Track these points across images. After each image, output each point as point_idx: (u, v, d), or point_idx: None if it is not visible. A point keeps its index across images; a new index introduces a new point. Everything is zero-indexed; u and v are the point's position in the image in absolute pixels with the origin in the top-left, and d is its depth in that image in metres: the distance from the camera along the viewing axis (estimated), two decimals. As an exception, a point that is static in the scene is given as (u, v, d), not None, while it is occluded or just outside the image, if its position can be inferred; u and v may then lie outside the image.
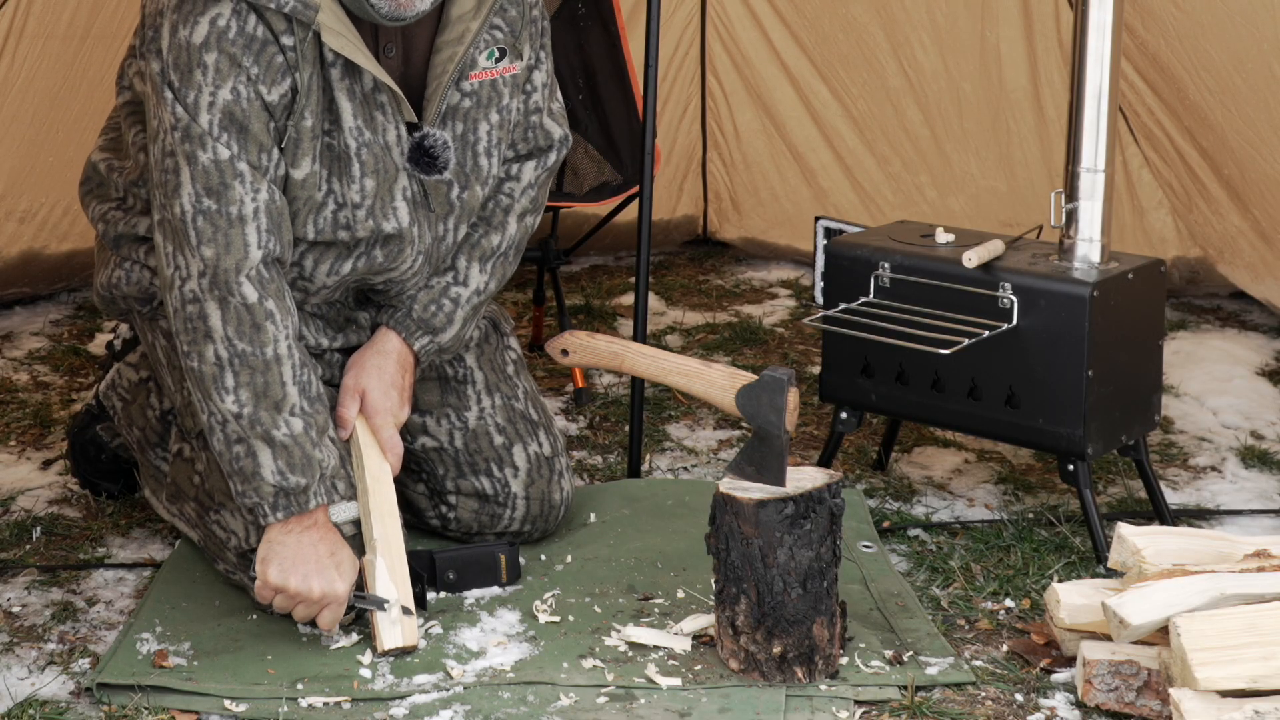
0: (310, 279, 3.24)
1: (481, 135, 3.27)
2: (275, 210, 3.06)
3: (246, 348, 3.03)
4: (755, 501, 2.93)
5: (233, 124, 3.01)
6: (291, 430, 3.04)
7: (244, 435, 3.03)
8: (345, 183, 3.14)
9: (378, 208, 3.17)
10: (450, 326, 3.35)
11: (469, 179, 3.28)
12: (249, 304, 3.02)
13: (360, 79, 3.10)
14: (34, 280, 4.99)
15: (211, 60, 3.00)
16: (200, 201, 3.02)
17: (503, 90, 3.28)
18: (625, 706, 2.91)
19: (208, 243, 3.02)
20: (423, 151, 3.18)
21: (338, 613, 3.06)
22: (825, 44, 5.26)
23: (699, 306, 5.22)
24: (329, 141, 3.12)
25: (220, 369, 3.03)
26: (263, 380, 3.03)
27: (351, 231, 3.17)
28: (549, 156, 3.44)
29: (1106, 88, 3.43)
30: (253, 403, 3.03)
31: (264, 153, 3.05)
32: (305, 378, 3.08)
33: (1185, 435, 4.19)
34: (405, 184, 3.20)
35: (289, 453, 3.04)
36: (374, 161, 3.15)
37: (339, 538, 3.09)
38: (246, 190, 3.02)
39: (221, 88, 3.00)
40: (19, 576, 3.40)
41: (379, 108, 3.13)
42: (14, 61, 4.52)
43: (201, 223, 3.02)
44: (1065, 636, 3.04)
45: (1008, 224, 4.99)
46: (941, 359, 3.49)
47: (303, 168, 3.10)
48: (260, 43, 3.01)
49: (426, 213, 3.25)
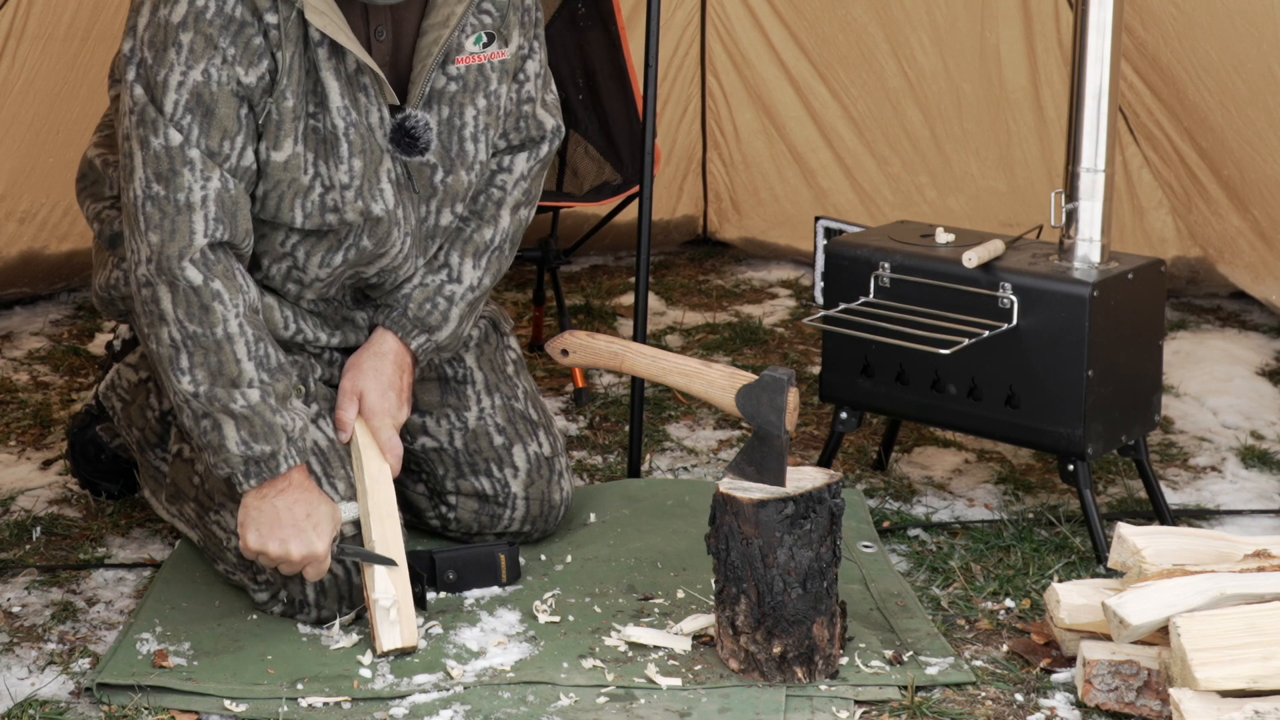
0: (304, 270, 3.24)
1: (468, 120, 3.27)
2: (229, 199, 3.06)
3: (197, 329, 3.05)
4: (755, 501, 2.93)
5: (199, 106, 3.02)
6: (249, 401, 3.06)
7: (206, 410, 3.06)
8: (333, 164, 3.14)
9: (365, 189, 3.18)
10: (446, 324, 3.35)
11: (454, 163, 3.28)
12: (195, 286, 3.04)
13: (345, 59, 3.11)
14: (34, 280, 4.99)
15: (187, 40, 3.01)
16: (150, 187, 3.04)
17: (490, 75, 3.28)
18: (625, 706, 2.91)
19: (154, 228, 3.04)
20: (404, 132, 3.19)
21: (320, 569, 3.09)
22: (825, 44, 5.26)
23: (699, 306, 5.22)
24: (314, 124, 3.12)
25: (175, 350, 3.06)
26: (216, 359, 3.05)
27: (340, 214, 3.17)
28: (541, 148, 3.44)
29: (1106, 88, 3.43)
30: (208, 381, 3.05)
31: (227, 139, 3.05)
32: (262, 351, 3.09)
33: (1185, 435, 4.19)
34: (389, 165, 3.20)
35: (250, 423, 3.06)
36: (361, 142, 3.15)
37: (316, 496, 3.10)
38: (196, 178, 3.03)
39: (193, 68, 3.01)
40: (19, 576, 3.40)
41: (362, 89, 3.14)
42: (14, 62, 4.51)
43: (150, 208, 3.04)
44: (1065, 636, 3.04)
45: (1008, 224, 4.99)
46: (941, 359, 3.49)
47: (284, 149, 3.11)
48: (239, 23, 3.02)
49: (411, 194, 3.26)
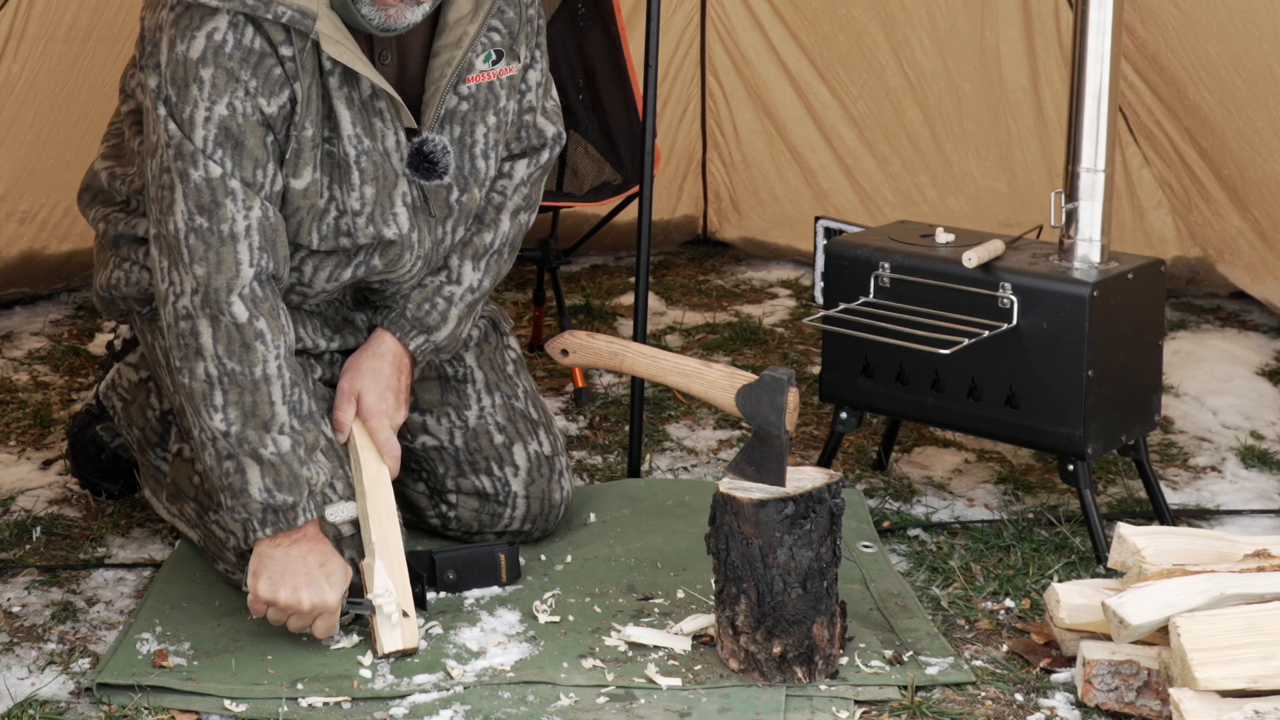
0: (309, 284, 3.24)
1: (479, 138, 3.27)
2: (270, 227, 3.06)
3: (236, 367, 3.03)
4: (755, 501, 2.93)
5: (228, 139, 3.01)
6: (279, 449, 3.04)
7: (233, 452, 3.04)
8: (345, 190, 3.14)
9: (377, 214, 3.17)
10: (445, 325, 3.35)
11: (468, 181, 3.28)
12: (239, 323, 3.03)
13: (358, 86, 3.10)
14: (34, 280, 4.99)
15: (208, 75, 3.00)
16: (193, 219, 3.02)
17: (499, 93, 3.28)
18: (625, 706, 2.91)
19: (199, 260, 3.02)
20: (422, 157, 3.18)
21: (331, 622, 3.06)
22: (825, 44, 5.26)
23: (699, 306, 5.22)
24: (329, 149, 3.12)
25: (210, 386, 3.03)
26: (251, 399, 3.03)
27: (353, 238, 3.18)
28: (542, 155, 3.44)
29: (1106, 88, 3.43)
30: (240, 421, 3.03)
31: (259, 169, 3.05)
32: (296, 397, 3.08)
33: (1185, 435, 4.19)
34: (405, 189, 3.20)
35: (276, 471, 3.04)
36: (373, 169, 3.14)
37: (329, 548, 3.09)
38: (239, 208, 3.03)
39: (218, 103, 3.00)
40: (19, 576, 3.40)
41: (377, 114, 3.13)
42: (15, 63, 4.51)
43: (194, 240, 3.02)
44: (1065, 636, 3.04)
45: (1008, 224, 4.99)
46: (941, 359, 3.49)
47: (304, 177, 3.10)
48: (258, 55, 3.01)
49: (426, 218, 3.25)
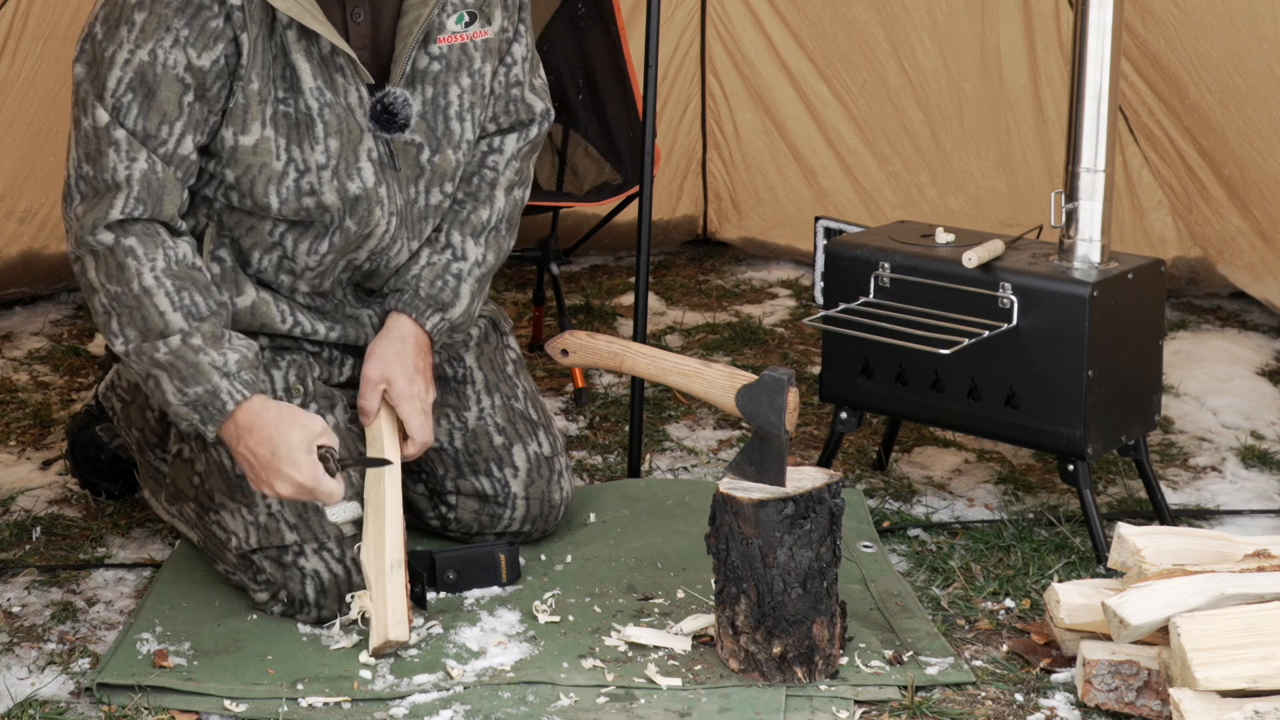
0: (293, 259, 3.25)
1: (453, 99, 3.28)
2: (155, 181, 3.08)
3: (116, 289, 3.07)
4: (755, 501, 2.93)
5: (141, 86, 3.04)
6: (170, 348, 3.07)
7: (143, 369, 3.09)
8: (308, 146, 3.15)
9: (342, 169, 3.18)
10: (458, 301, 3.35)
11: (440, 142, 3.28)
12: (109, 246, 3.06)
13: (317, 41, 3.12)
14: (34, 280, 4.99)
15: (140, 19, 3.03)
16: (80, 167, 3.09)
17: (474, 54, 3.29)
18: (625, 706, 2.91)
19: (80, 204, 3.09)
20: (383, 109, 3.20)
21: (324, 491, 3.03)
22: (825, 44, 5.26)
23: (699, 306, 5.22)
24: (285, 109, 3.13)
25: (108, 316, 3.09)
26: (139, 315, 3.07)
27: (318, 196, 3.18)
28: (531, 130, 3.45)
29: (1106, 88, 3.43)
30: (138, 338, 3.07)
31: (165, 124, 3.07)
32: (188, 300, 3.09)
33: (1185, 435, 4.19)
34: (370, 145, 3.21)
35: (176, 369, 3.07)
36: (337, 122, 3.16)
37: (276, 428, 3.05)
38: (120, 158, 3.06)
39: (141, 47, 3.04)
40: (19, 576, 3.40)
41: (338, 70, 3.15)
42: (14, 62, 4.52)
43: (84, 186, 3.09)
44: (1065, 636, 3.04)
45: (1008, 224, 4.98)
46: (941, 359, 3.48)
47: (253, 133, 3.12)
48: (195, 6, 3.04)
49: (394, 174, 3.26)
